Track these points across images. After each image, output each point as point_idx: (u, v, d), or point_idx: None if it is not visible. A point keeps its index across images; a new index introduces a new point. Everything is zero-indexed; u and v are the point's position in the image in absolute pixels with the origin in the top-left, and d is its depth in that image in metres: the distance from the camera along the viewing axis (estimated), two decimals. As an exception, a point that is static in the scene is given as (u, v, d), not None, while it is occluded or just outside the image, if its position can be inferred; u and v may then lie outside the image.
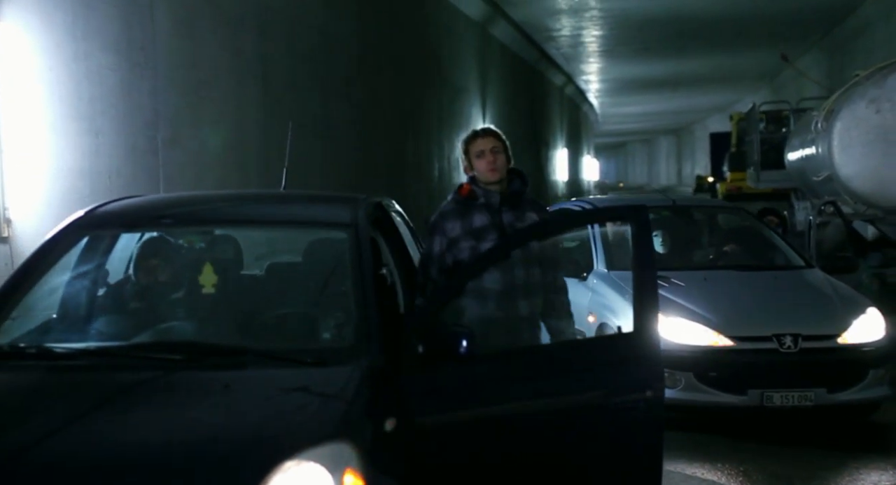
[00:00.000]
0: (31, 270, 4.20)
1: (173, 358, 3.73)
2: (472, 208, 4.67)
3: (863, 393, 6.62)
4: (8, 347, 3.97)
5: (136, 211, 4.56)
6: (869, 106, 8.86)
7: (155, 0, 9.87)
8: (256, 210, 4.70)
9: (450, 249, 4.66)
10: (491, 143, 4.73)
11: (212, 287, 4.34)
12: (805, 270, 7.52)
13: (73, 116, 8.61)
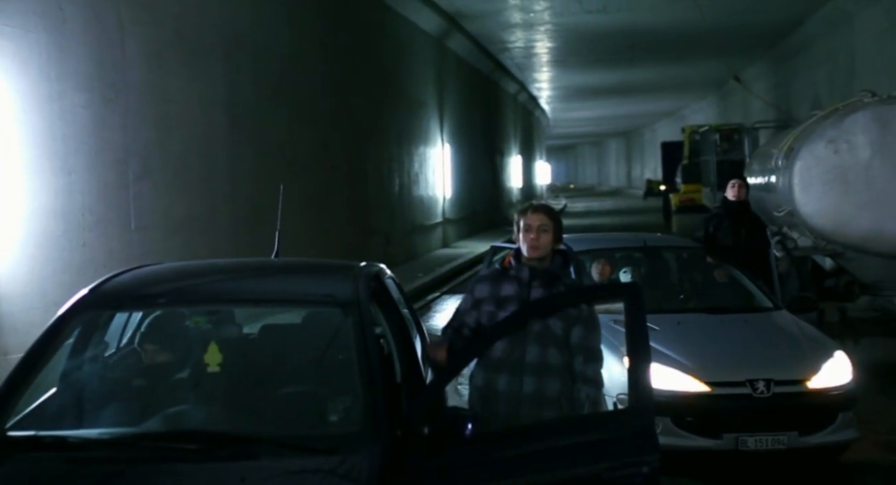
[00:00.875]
0: (39, 355, 4.25)
1: (188, 448, 3.80)
2: (504, 277, 4.79)
3: (832, 436, 6.85)
4: (24, 438, 4.01)
5: (136, 290, 4.58)
6: (828, 146, 9.14)
7: (126, 37, 9.89)
8: (258, 287, 4.73)
9: (475, 308, 4.78)
10: (539, 220, 4.73)
11: (217, 366, 4.44)
12: (773, 312, 7.75)
13: (47, 156, 8.64)
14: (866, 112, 9.14)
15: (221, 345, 4.43)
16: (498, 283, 4.76)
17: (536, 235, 4.69)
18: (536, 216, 4.72)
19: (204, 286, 4.74)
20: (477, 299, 4.76)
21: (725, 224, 9.37)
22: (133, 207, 10.00)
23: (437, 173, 24.90)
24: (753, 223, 9.37)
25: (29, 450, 3.92)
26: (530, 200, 5.56)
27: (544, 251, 4.71)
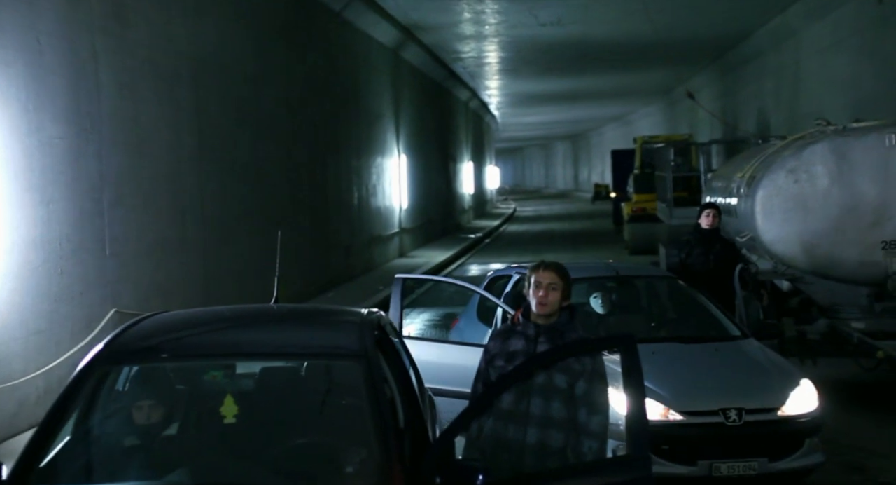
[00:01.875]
0: (60, 412, 4.38)
1: None
2: (513, 334, 5.01)
3: (800, 461, 7.15)
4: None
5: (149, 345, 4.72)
6: (788, 176, 9.47)
7: (100, 66, 9.99)
8: (268, 340, 4.89)
9: (490, 364, 5.03)
10: (549, 278, 4.92)
11: (233, 418, 4.62)
12: (741, 340, 8.05)
13: (27, 188, 8.74)
14: (824, 143, 9.48)
15: (235, 397, 4.60)
16: (507, 339, 4.99)
17: (546, 292, 4.90)
18: (547, 274, 4.92)
19: (216, 340, 4.90)
20: (491, 355, 4.99)
21: (697, 251, 9.56)
22: (108, 233, 10.11)
23: (393, 184, 25.08)
24: (725, 249, 9.61)
25: None
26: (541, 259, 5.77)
27: (552, 308, 4.92)
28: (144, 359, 4.74)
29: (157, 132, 11.37)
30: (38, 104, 8.88)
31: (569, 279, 5.01)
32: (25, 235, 8.67)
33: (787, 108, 24.59)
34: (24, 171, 8.66)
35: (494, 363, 4.98)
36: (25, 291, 8.65)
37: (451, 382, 6.96)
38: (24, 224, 8.65)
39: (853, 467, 7.99)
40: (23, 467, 4.18)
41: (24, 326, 8.66)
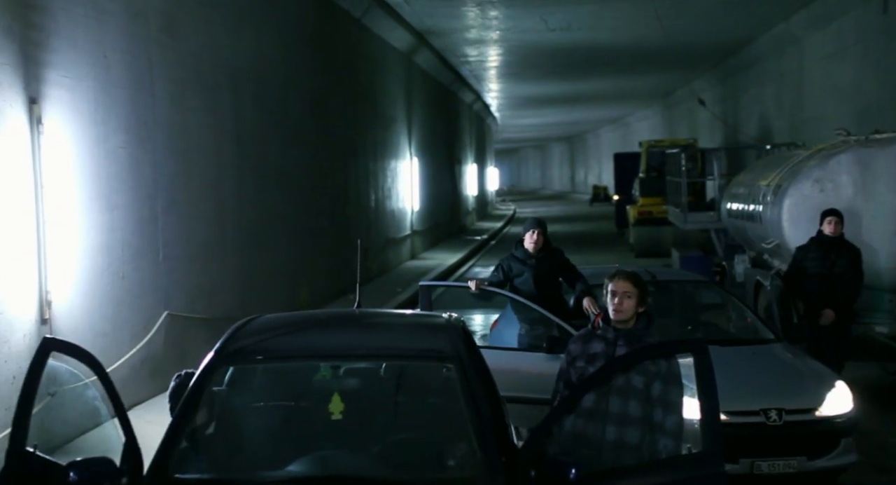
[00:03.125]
0: (190, 406, 4.83)
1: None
2: (594, 337, 5.49)
3: (836, 460, 7.60)
4: (193, 480, 4.56)
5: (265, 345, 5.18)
6: (814, 185, 9.95)
7: (154, 77, 10.42)
8: (370, 342, 5.33)
9: (571, 365, 5.51)
10: (625, 287, 5.34)
11: (339, 414, 5.05)
12: (775, 343, 8.51)
13: (95, 196, 9.16)
14: (849, 154, 9.96)
15: (341, 395, 5.05)
16: (588, 342, 5.44)
17: (621, 300, 5.36)
18: (623, 283, 5.38)
19: (323, 341, 5.35)
20: (572, 357, 5.44)
21: (812, 256, 9.52)
22: (161, 238, 10.54)
23: (405, 186, 25.52)
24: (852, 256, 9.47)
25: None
26: (617, 267, 6.29)
27: (627, 315, 5.37)
28: (260, 359, 5.18)
29: (202, 140, 11.80)
30: (105, 116, 9.31)
31: (644, 287, 5.45)
32: (94, 240, 9.10)
33: (789, 114, 25.07)
34: (93, 179, 9.08)
35: (575, 364, 5.43)
36: (93, 294, 9.08)
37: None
38: (93, 230, 9.07)
39: (882, 468, 8.43)
40: (161, 458, 4.63)
41: (92, 328, 9.09)
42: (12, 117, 7.81)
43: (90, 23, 9.06)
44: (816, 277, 9.37)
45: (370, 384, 5.33)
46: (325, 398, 5.07)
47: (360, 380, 5.34)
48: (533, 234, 8.85)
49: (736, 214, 13.21)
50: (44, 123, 8.16)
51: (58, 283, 8.39)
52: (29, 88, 8.03)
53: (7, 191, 7.73)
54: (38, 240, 8.12)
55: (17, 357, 7.76)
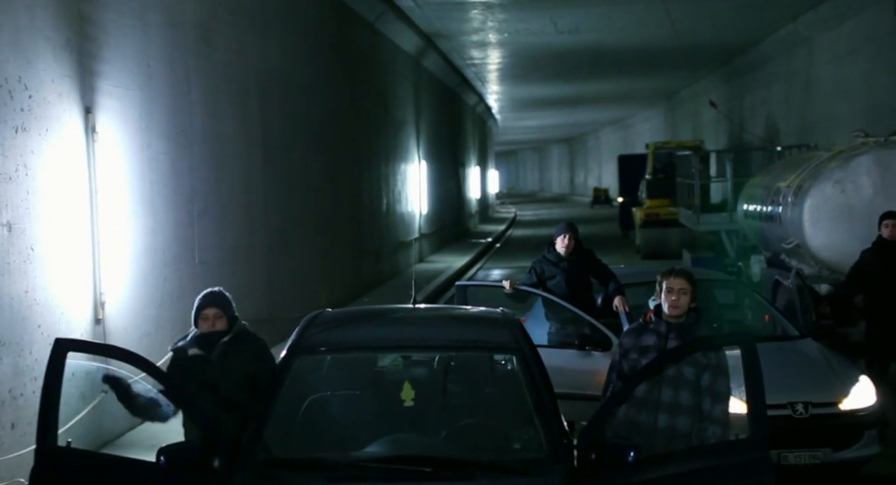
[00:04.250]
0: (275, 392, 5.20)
1: (423, 470, 4.75)
2: (646, 330, 5.78)
3: (860, 451, 7.92)
4: (286, 460, 4.93)
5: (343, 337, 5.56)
6: (835, 186, 10.29)
7: (191, 86, 10.74)
8: (440, 334, 5.70)
9: (623, 358, 5.81)
10: (680, 284, 5.63)
11: (411, 401, 5.40)
12: (800, 340, 8.84)
13: (140, 200, 9.49)
14: (869, 155, 10.30)
15: (412, 383, 5.40)
16: (640, 335, 5.77)
17: (678, 296, 5.68)
18: (678, 281, 5.70)
19: (393, 334, 5.72)
20: (624, 350, 5.77)
21: (877, 261, 9.39)
22: (197, 242, 10.86)
23: (414, 190, 25.85)
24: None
25: (291, 470, 4.85)
26: (671, 266, 6.69)
27: (682, 310, 5.70)
28: (336, 350, 5.55)
29: (232, 146, 12.12)
30: (149, 123, 9.63)
31: (696, 284, 5.78)
32: (140, 244, 9.42)
33: (797, 115, 25.37)
34: (139, 184, 9.40)
35: (628, 356, 5.76)
36: (139, 296, 9.39)
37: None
38: (139, 234, 9.39)
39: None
40: (252, 440, 5.00)
41: (138, 329, 9.40)
42: (71, 126, 8.12)
43: (137, 34, 9.38)
44: (877, 282, 9.26)
45: (437, 374, 5.67)
46: (397, 387, 5.42)
47: (427, 370, 5.68)
48: (564, 238, 9.15)
49: (753, 215, 13.54)
50: (98, 131, 8.48)
51: (110, 285, 8.71)
52: (85, 98, 8.35)
53: (66, 196, 8.04)
54: (93, 243, 8.44)
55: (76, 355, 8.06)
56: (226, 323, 5.81)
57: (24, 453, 7.28)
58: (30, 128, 7.55)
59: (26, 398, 7.43)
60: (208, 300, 5.82)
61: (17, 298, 7.34)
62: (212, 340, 5.74)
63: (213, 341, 5.74)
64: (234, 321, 5.85)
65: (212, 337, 5.75)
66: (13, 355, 7.31)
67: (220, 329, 5.77)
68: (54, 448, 5.00)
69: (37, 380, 7.57)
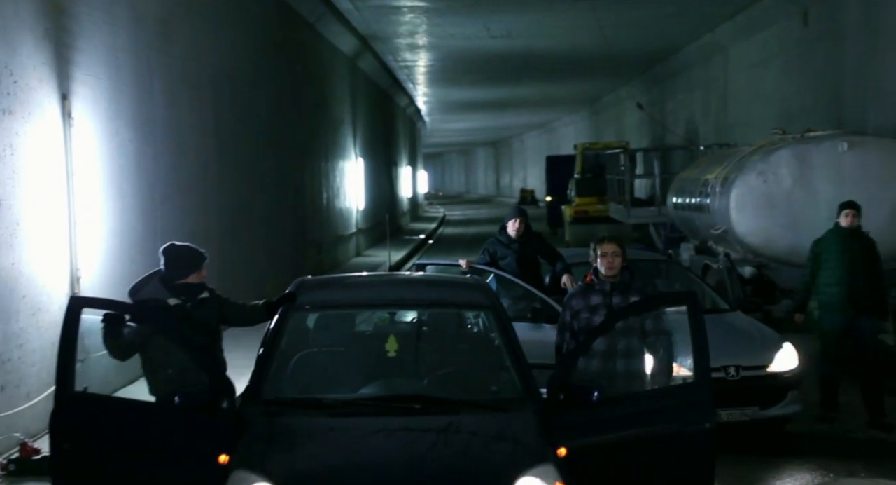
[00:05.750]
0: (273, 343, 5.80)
1: (414, 407, 5.43)
2: (591, 291, 6.53)
3: (784, 409, 8.73)
4: (289, 399, 5.57)
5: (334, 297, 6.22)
6: (758, 177, 11.15)
7: (154, 78, 11.23)
8: (421, 295, 6.37)
9: (574, 318, 6.53)
10: (612, 248, 6.42)
11: (394, 352, 6.02)
12: (730, 312, 9.63)
13: (110, 185, 9.97)
14: (788, 149, 11.17)
15: (396, 336, 6.05)
16: (588, 296, 6.48)
17: (611, 259, 6.42)
18: (610, 245, 6.47)
19: (379, 293, 6.37)
20: (574, 311, 6.45)
21: (834, 249, 9.28)
22: (159, 226, 11.33)
23: (351, 186, 26.40)
24: (866, 248, 9.28)
25: (293, 407, 5.45)
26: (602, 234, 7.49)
27: (617, 270, 6.45)
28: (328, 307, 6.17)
29: (190, 137, 12.61)
30: (117, 112, 10.11)
31: (624, 247, 6.57)
32: (110, 225, 9.90)
33: (714, 120, 26.46)
34: (109, 169, 9.88)
35: (580, 316, 6.45)
36: (110, 274, 9.86)
37: None
38: (109, 216, 9.87)
39: (821, 420, 9.59)
40: (254, 386, 5.65)
41: (108, 305, 9.86)
42: (50, 111, 8.60)
43: (106, 26, 9.86)
44: (835, 269, 9.15)
45: (419, 330, 6.35)
46: (383, 341, 6.07)
47: (410, 326, 6.34)
48: (515, 222, 9.85)
49: (682, 207, 14.39)
50: (73, 117, 8.95)
51: (84, 262, 9.18)
52: (62, 86, 8.83)
53: (47, 177, 8.51)
54: (70, 222, 8.91)
55: (55, 325, 8.50)
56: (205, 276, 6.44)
57: (12, 414, 7.76)
58: (15, 111, 8.02)
59: (13, 364, 7.90)
60: (202, 258, 6.40)
61: (4, 270, 7.80)
62: (194, 291, 6.32)
63: (195, 293, 6.32)
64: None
65: (194, 288, 6.33)
66: (2, 323, 7.78)
67: (202, 282, 6.39)
68: (73, 393, 5.51)
69: (22, 347, 8.08)
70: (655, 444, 5.74)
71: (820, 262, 9.21)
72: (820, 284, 9.18)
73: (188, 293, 6.32)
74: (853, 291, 9.03)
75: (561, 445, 5.37)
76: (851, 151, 10.95)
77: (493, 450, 5.15)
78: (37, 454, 7.42)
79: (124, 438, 5.51)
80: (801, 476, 8.03)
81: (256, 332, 6.48)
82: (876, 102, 14.96)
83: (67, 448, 5.48)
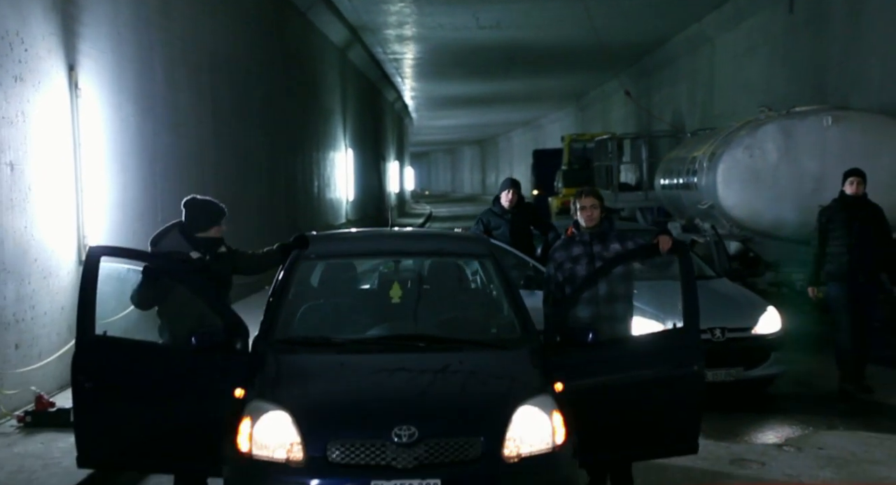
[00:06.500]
0: (283, 289, 6.08)
1: (418, 344, 5.74)
2: (572, 243, 6.79)
3: (767, 370, 9.04)
4: (300, 338, 5.87)
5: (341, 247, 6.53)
6: (745, 152, 11.45)
7: (154, 55, 11.48)
8: (420, 245, 6.69)
9: (558, 269, 6.77)
10: (591, 201, 6.68)
11: (398, 299, 6.31)
12: (716, 279, 9.94)
13: (114, 158, 10.21)
14: (774, 124, 11.48)
15: (400, 283, 6.35)
16: (569, 248, 6.77)
17: (591, 211, 6.72)
18: (589, 199, 6.76)
19: (384, 244, 6.68)
20: (558, 263, 6.74)
21: (840, 217, 9.23)
22: (158, 201, 11.57)
23: (342, 177, 26.65)
24: (873, 215, 9.23)
25: (305, 345, 5.73)
26: (581, 187, 7.80)
27: (596, 221, 6.74)
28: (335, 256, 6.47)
29: (187, 116, 12.86)
30: (120, 87, 10.35)
31: (602, 199, 6.86)
32: (113, 197, 10.14)
33: (701, 110, 26.76)
34: (112, 142, 10.13)
35: (563, 267, 6.72)
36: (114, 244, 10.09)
37: None
38: (113, 188, 10.12)
39: (802, 383, 9.93)
40: (266, 328, 5.92)
41: (113, 275, 10.10)
42: (58, 81, 8.84)
43: (108, 1, 10.09)
44: (843, 238, 9.10)
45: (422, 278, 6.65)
46: (387, 289, 6.37)
47: (412, 275, 6.64)
48: (508, 193, 10.14)
49: (670, 187, 14.71)
50: (80, 87, 9.20)
51: (90, 231, 9.42)
52: (69, 57, 9.07)
53: (56, 146, 8.75)
54: (77, 191, 9.16)
55: (64, 290, 8.79)
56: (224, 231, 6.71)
57: (27, 371, 8.01)
58: (26, 79, 8.26)
59: (27, 324, 8.15)
60: (223, 212, 6.67)
61: (18, 232, 8.05)
62: (213, 245, 6.58)
63: (214, 247, 6.58)
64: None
65: (212, 243, 6.59)
66: (16, 283, 8.02)
67: (221, 236, 6.66)
68: (93, 336, 5.77)
69: (35, 308, 8.33)
70: (646, 384, 6.04)
71: (827, 231, 9.14)
72: (828, 253, 9.14)
73: (208, 247, 6.57)
74: (862, 258, 8.97)
75: (557, 382, 5.66)
76: (836, 125, 11.28)
77: (494, 383, 5.44)
78: (52, 407, 7.67)
79: (143, 377, 5.77)
80: (782, 430, 8.37)
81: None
82: (858, 88, 15.30)
83: (89, 387, 5.73)
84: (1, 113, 7.85)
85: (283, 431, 5.14)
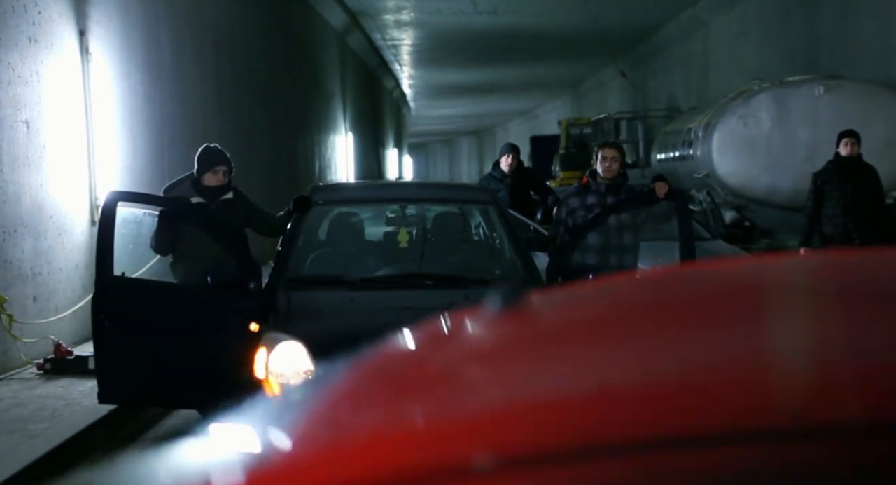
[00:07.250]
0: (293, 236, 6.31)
1: (426, 283, 5.99)
2: (587, 192, 7.07)
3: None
4: (312, 277, 6.12)
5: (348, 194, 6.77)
6: (739, 121, 11.72)
7: (161, 27, 11.70)
8: (426, 193, 6.96)
9: (570, 215, 7.05)
10: (612, 153, 7.08)
11: (406, 243, 6.57)
12: (712, 240, 10.19)
13: (122, 124, 10.44)
14: (767, 94, 11.75)
15: (407, 229, 6.60)
16: (584, 196, 7.03)
17: (610, 163, 6.97)
18: (611, 151, 7.02)
19: (392, 192, 6.93)
20: (571, 208, 6.99)
21: (836, 179, 9.19)
22: (166, 169, 11.80)
23: (342, 160, 26.89)
24: (868, 176, 9.21)
25: (318, 283, 5.98)
26: (603, 141, 8.14)
27: (615, 173, 7.00)
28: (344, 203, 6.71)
29: (192, 88, 13.09)
30: (128, 55, 10.58)
31: (624, 152, 7.10)
32: (122, 162, 10.38)
33: (695, 95, 27.00)
34: (121, 109, 10.36)
35: (576, 214, 6.98)
36: (124, 208, 10.33)
37: None
38: (122, 153, 10.35)
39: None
40: (279, 268, 6.15)
41: (122, 238, 10.34)
42: (69, 45, 9.08)
43: (118, -31, 10.33)
44: (838, 201, 9.07)
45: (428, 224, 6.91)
46: (395, 234, 6.63)
47: (419, 221, 6.89)
48: (508, 157, 10.37)
49: (666, 161, 14.97)
50: (91, 52, 9.43)
51: (101, 193, 9.65)
52: (79, 22, 9.30)
53: (68, 108, 8.98)
54: (89, 154, 9.40)
55: (78, 248, 9.03)
56: (224, 178, 6.88)
57: (44, 323, 8.25)
58: (39, 40, 8.49)
59: (43, 278, 8.39)
60: (219, 159, 6.87)
61: (34, 189, 8.29)
62: (215, 192, 6.80)
63: (217, 194, 6.80)
64: (230, 177, 6.93)
65: (216, 190, 6.81)
66: (33, 238, 8.26)
67: (223, 184, 6.85)
68: (112, 276, 6.01)
69: (51, 263, 8.57)
70: None
71: (822, 193, 9.10)
72: (824, 215, 9.13)
73: (213, 194, 6.79)
74: (857, 220, 8.94)
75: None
76: (828, 94, 11.54)
77: None
78: (70, 355, 7.92)
79: (160, 314, 6.02)
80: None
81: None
82: (850, 68, 15.54)
83: (109, 325, 5.97)
84: (17, 72, 8.08)
85: (297, 359, 5.38)
